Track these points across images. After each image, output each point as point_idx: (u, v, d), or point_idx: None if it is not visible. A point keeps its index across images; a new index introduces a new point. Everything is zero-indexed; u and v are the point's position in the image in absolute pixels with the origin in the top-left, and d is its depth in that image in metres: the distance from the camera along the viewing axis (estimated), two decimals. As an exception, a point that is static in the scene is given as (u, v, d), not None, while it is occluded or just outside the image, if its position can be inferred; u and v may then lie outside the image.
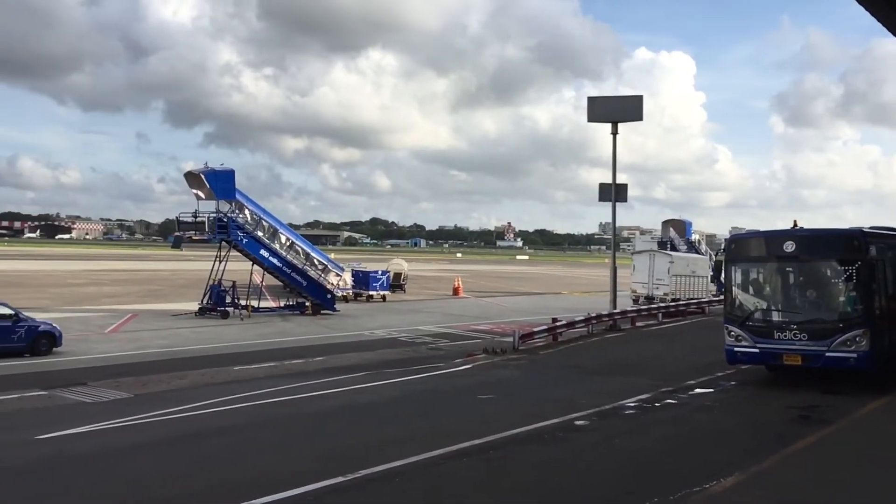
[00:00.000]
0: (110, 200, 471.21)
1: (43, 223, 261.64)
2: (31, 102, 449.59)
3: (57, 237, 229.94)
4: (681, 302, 37.60)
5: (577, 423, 13.97)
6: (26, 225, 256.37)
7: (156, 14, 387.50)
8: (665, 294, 38.98)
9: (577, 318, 28.27)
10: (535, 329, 26.05)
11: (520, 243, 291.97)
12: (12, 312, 21.48)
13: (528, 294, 56.78)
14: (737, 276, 18.41)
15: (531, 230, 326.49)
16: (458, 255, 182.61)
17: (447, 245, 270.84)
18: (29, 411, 15.10)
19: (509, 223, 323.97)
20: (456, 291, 52.26)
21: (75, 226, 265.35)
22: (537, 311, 39.84)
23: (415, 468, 10.76)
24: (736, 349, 17.86)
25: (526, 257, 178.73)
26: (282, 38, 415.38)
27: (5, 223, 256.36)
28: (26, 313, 22.54)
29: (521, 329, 25.67)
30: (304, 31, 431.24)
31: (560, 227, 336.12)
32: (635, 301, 39.37)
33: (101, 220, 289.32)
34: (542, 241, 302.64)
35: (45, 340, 21.74)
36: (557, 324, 26.70)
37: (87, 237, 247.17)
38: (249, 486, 9.76)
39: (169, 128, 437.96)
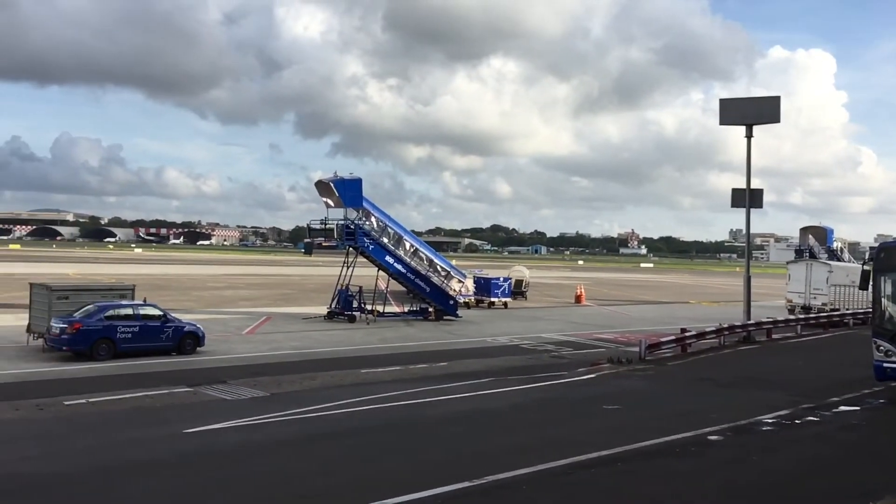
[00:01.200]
0: (245, 208, 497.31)
1: (186, 230, 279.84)
2: (176, 117, 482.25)
3: (198, 243, 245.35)
4: (845, 312, 35.94)
5: (710, 437, 13.43)
6: (171, 232, 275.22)
7: (289, 31, 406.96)
8: (823, 304, 37.39)
9: (707, 329, 27.19)
10: (663, 339, 25.27)
11: (644, 250, 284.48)
12: (161, 313, 23.05)
13: (654, 303, 55.16)
14: (886, 287, 17.16)
15: (656, 237, 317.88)
16: (580, 262, 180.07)
17: (568, 252, 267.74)
18: (177, 406, 16.15)
19: (633, 230, 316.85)
20: (578, 299, 51.54)
21: (214, 232, 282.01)
22: (663, 320, 38.62)
23: (542, 477, 10.69)
24: (885, 365, 16.66)
25: (650, 265, 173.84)
26: (405, 49, 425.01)
27: (153, 230, 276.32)
28: (173, 314, 24.11)
29: (648, 339, 24.96)
30: (426, 42, 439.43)
31: (687, 235, 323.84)
32: (791, 311, 38.00)
33: (238, 227, 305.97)
34: (668, 249, 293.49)
35: (190, 340, 23.19)
36: (686, 334, 25.79)
37: (225, 243, 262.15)
38: (381, 487, 10.03)
39: (299, 139, 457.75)
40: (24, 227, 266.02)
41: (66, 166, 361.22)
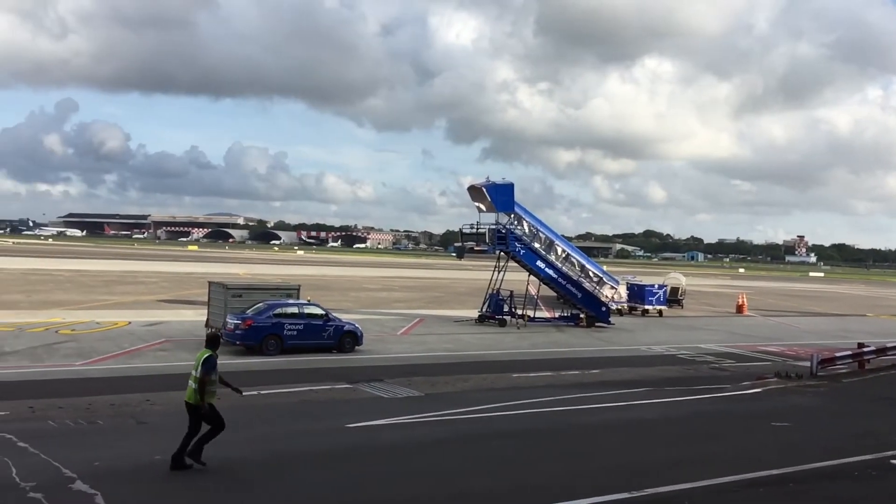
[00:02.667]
0: (398, 213, 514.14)
1: (343, 233, 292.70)
2: (335, 125, 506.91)
3: (354, 246, 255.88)
4: None
5: (893, 461, 12.31)
6: (330, 235, 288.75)
7: (441, 39, 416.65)
8: None
9: (889, 344, 24.95)
10: (838, 354, 23.45)
11: (813, 258, 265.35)
12: (324, 313, 24.23)
13: (825, 315, 51.32)
14: None
15: (827, 245, 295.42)
16: (741, 270, 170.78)
17: (728, 259, 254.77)
18: (338, 401, 16.91)
19: (801, 237, 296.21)
20: (740, 309, 48.90)
21: (369, 236, 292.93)
22: (836, 334, 35.86)
23: (706, 493, 10.23)
24: None
25: (821, 274, 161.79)
26: (556, 53, 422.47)
27: (314, 233, 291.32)
28: (334, 314, 25.27)
29: (820, 353, 23.26)
30: (578, 45, 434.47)
31: (862, 242, 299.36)
32: None
33: (391, 230, 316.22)
34: (840, 257, 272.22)
35: (349, 339, 24.22)
36: (865, 349, 23.80)
37: (379, 246, 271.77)
38: (538, 492, 10.02)
39: (450, 144, 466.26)
40: (200, 229, 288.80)
41: (237, 173, 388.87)
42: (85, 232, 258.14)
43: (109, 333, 25.45)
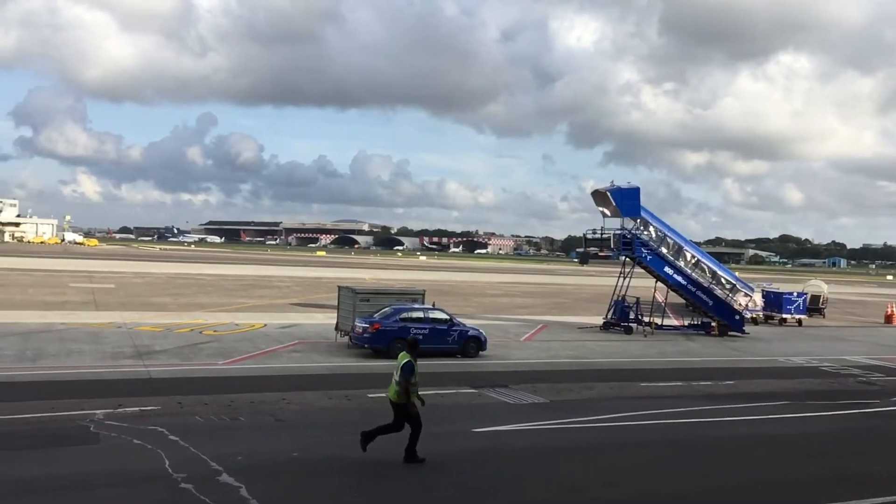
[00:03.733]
0: (519, 218, 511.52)
1: (464, 239, 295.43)
2: (455, 132, 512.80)
3: (475, 252, 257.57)
4: None
5: None
6: (451, 240, 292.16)
7: (562, 43, 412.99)
8: None
9: None
10: None
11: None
12: (448, 318, 24.53)
13: None
14: None
15: None
16: (889, 277, 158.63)
17: (874, 266, 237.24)
18: (463, 406, 17.06)
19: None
20: (889, 319, 45.49)
21: (490, 241, 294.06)
22: None
23: (854, 515, 9.60)
24: None
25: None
26: (682, 52, 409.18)
27: (436, 239, 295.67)
28: (458, 319, 25.52)
29: (985, 369, 21.26)
30: (706, 42, 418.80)
31: None
32: None
33: (512, 236, 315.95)
34: None
35: (473, 344, 24.40)
36: None
37: (500, 252, 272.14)
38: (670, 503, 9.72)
39: (571, 149, 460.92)
40: (328, 235, 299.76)
41: (362, 181, 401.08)
42: (223, 238, 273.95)
43: (247, 335, 26.85)
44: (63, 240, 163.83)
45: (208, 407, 15.17)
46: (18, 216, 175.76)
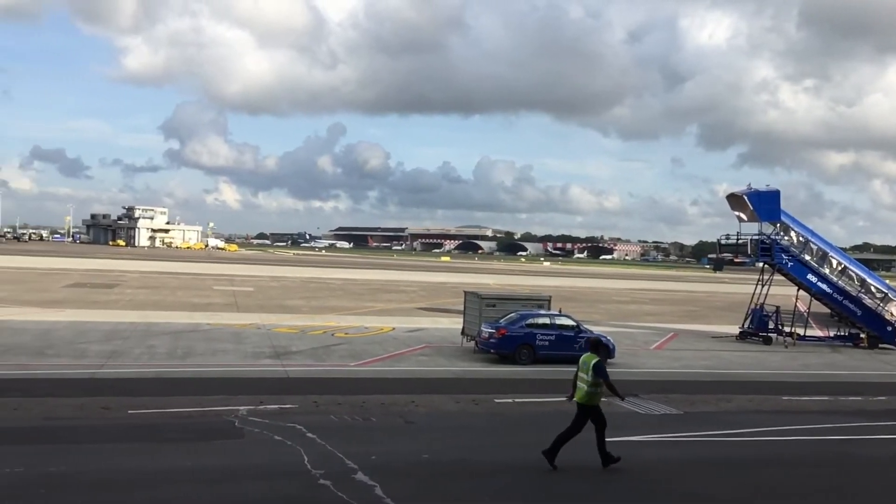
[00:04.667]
0: (646, 223, 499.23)
1: (589, 244, 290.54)
2: (580, 136, 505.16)
3: (600, 257, 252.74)
4: None
5: None
6: (576, 246, 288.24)
7: (692, 41, 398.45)
8: None
9: None
10: None
11: None
12: (574, 324, 24.19)
13: None
14: None
15: None
16: None
17: None
18: (592, 414, 16.74)
19: None
20: None
21: (616, 247, 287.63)
22: None
23: None
24: None
25: None
26: (824, 46, 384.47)
27: (559, 244, 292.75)
28: (584, 326, 25.10)
29: None
30: (850, 35, 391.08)
31: None
32: None
33: (639, 241, 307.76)
34: None
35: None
36: None
37: (626, 258, 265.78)
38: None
39: (702, 151, 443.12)
40: (452, 241, 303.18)
41: (485, 186, 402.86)
42: (351, 244, 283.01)
43: (376, 338, 27.57)
44: (207, 245, 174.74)
45: (342, 407, 15.67)
46: (168, 223, 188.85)
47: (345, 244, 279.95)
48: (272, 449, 11.87)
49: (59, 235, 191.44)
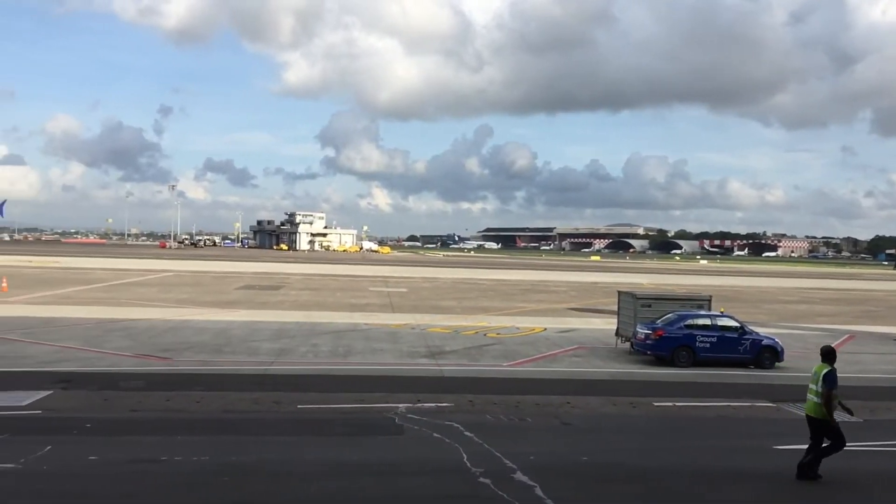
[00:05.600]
0: (813, 217, 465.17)
1: (750, 241, 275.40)
2: (738, 128, 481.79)
3: (763, 255, 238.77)
4: None
5: None
6: (735, 243, 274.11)
7: (863, 18, 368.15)
8: None
9: None
10: None
11: None
12: (738, 325, 22.98)
13: None
14: None
15: None
16: None
17: None
18: (760, 420, 15.87)
19: None
20: None
21: (780, 244, 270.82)
22: None
23: None
24: None
25: None
26: None
27: (717, 242, 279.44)
28: (749, 327, 23.79)
29: None
30: None
31: None
32: None
33: (806, 237, 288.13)
34: None
35: (768, 354, 22.59)
36: None
37: (792, 255, 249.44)
38: None
39: (877, 138, 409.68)
40: (601, 240, 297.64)
41: (635, 183, 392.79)
42: (500, 244, 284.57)
43: (528, 338, 27.53)
44: (361, 248, 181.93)
45: (497, 406, 15.79)
46: (325, 227, 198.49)
47: (493, 245, 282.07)
48: (432, 446, 12.17)
49: (229, 241, 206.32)
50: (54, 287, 43.46)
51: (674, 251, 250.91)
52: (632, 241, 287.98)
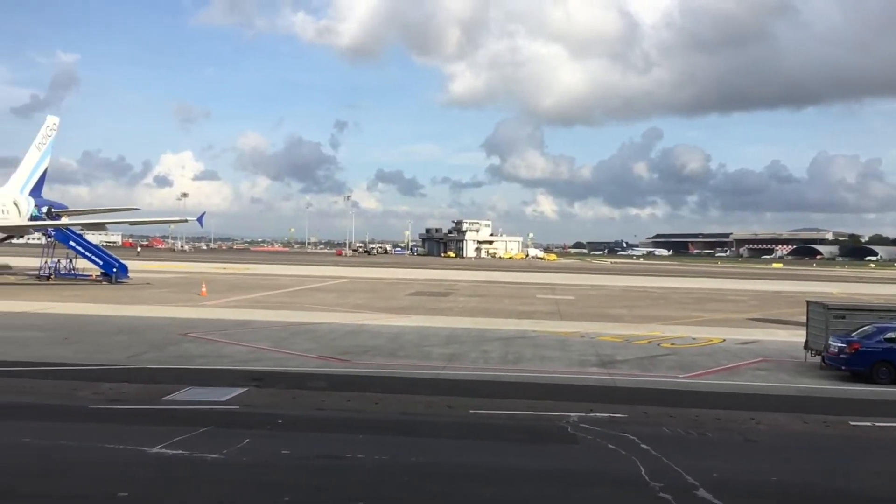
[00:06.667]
0: None
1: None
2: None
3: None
4: None
5: None
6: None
7: None
8: None
9: None
10: None
11: None
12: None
13: None
14: None
15: None
16: None
17: None
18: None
19: None
20: None
21: None
22: None
23: None
24: None
25: None
26: None
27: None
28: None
29: None
30: None
31: None
32: None
33: None
34: None
35: None
36: None
37: None
38: None
39: None
40: (783, 246, 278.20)
41: (822, 185, 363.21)
42: (670, 251, 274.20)
43: (705, 349, 26.29)
44: (527, 255, 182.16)
45: (674, 419, 15.22)
46: (491, 235, 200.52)
47: (663, 251, 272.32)
48: (607, 457, 11.92)
49: (399, 248, 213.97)
50: (245, 292, 47.13)
51: (868, 258, 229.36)
52: (819, 247, 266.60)
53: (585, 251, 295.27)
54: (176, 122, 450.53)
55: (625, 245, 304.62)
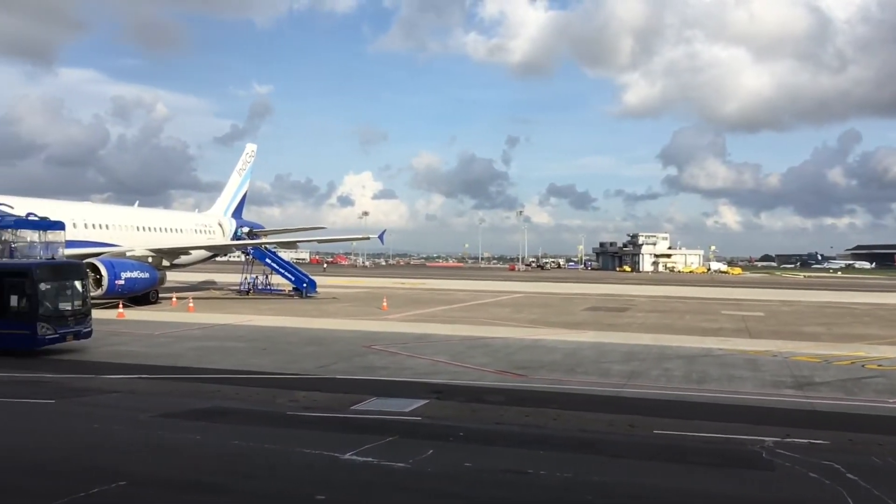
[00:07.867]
0: None
1: None
2: None
3: None
4: None
5: None
6: None
7: None
8: None
9: None
10: None
11: None
12: None
13: None
14: None
15: None
16: None
17: None
18: None
19: None
20: None
21: None
22: None
23: None
24: None
25: None
26: None
27: None
28: None
29: None
30: None
31: None
32: None
33: None
34: None
35: None
36: None
37: None
38: None
39: None
40: None
41: None
42: (874, 264, 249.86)
43: (921, 372, 23.66)
44: (709, 269, 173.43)
45: (884, 448, 13.84)
46: (669, 248, 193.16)
47: (865, 264, 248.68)
48: (809, 486, 11.04)
49: (572, 263, 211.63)
50: (423, 306, 48.64)
51: None
52: None
53: (774, 264, 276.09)
54: (357, 145, 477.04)
55: (819, 257, 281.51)
